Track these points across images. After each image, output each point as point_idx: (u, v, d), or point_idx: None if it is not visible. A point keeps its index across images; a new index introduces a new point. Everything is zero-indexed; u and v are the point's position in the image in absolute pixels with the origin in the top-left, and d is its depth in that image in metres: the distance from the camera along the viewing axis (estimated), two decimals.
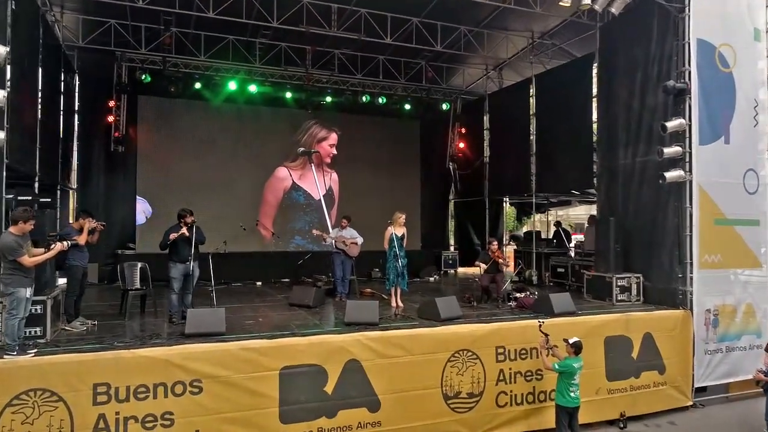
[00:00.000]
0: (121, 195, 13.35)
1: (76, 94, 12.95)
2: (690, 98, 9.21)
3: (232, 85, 13.00)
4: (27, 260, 5.63)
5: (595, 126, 11.47)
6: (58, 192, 11.39)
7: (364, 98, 14.15)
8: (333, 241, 10.22)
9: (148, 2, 10.12)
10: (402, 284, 9.42)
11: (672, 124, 9.14)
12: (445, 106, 15.46)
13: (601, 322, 8.43)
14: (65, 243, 6.02)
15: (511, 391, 7.64)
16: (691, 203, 9.19)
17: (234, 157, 13.97)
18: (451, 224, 17.48)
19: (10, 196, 7.19)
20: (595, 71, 11.54)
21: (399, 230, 9.47)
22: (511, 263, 13.91)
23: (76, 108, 12.92)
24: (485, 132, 15.45)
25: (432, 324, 7.72)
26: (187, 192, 13.45)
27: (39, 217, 6.57)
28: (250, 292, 11.72)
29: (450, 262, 15.93)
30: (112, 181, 13.28)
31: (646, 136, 9.97)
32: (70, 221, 11.21)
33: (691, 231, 9.17)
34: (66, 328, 7.10)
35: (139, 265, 8.40)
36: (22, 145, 8.42)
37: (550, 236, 15.83)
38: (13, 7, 7.50)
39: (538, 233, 14.20)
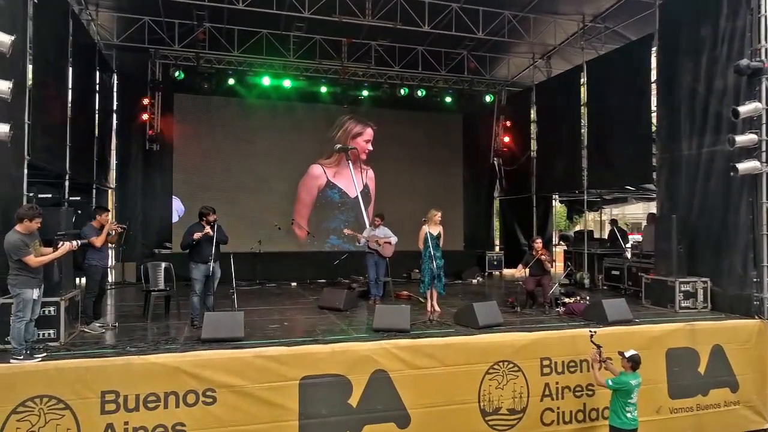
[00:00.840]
0: (159, 194, 13.27)
1: (114, 93, 12.98)
2: (767, 79, 8.11)
3: (266, 81, 12.66)
4: (33, 260, 5.35)
5: (654, 115, 10.41)
6: (94, 191, 11.35)
7: (402, 91, 13.51)
8: (366, 241, 9.64)
9: None
10: (438, 287, 8.81)
11: (746, 108, 8.07)
12: (488, 98, 14.63)
13: (662, 332, 7.49)
14: (74, 243, 5.72)
15: (558, 408, 6.86)
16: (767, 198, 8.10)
17: (268, 154, 13.67)
18: (497, 223, 16.60)
19: (30, 194, 7.02)
20: (654, 54, 10.47)
21: (434, 229, 8.85)
22: (560, 265, 12.99)
23: (114, 107, 12.94)
24: (532, 125, 14.50)
25: (469, 332, 7.04)
26: (222, 190, 13.30)
27: (53, 215, 6.33)
28: (282, 293, 11.33)
29: (495, 263, 15.10)
30: (149, 179, 13.21)
31: (713, 124, 8.91)
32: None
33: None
34: (85, 329, 6.85)
35: (163, 265, 8.10)
36: (50, 143, 8.31)
37: (605, 236, 14.77)
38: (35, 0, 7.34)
39: (590, 233, 13.17)
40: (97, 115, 11.34)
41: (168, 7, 10.89)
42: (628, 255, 12.14)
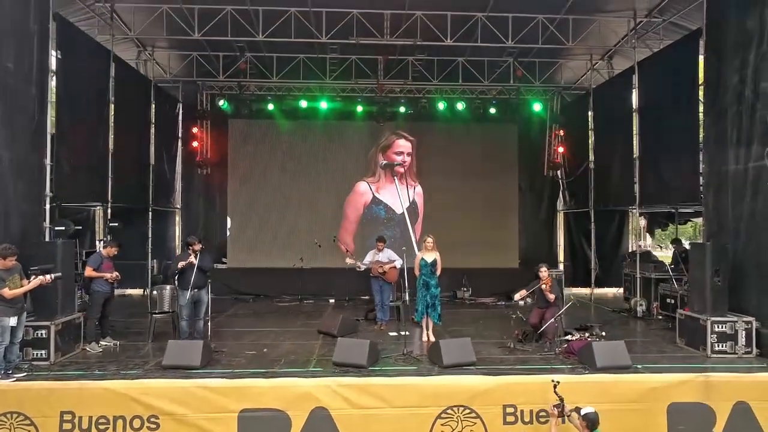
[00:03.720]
0: (217, 213, 14.35)
1: (180, 122, 14.31)
2: None
3: (304, 104, 13.10)
4: (7, 293, 6.14)
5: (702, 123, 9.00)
6: (150, 214, 12.59)
7: (441, 105, 13.19)
8: (366, 267, 9.54)
9: (204, 33, 10.65)
10: (433, 316, 8.50)
11: None
12: (538, 107, 13.65)
13: (664, 383, 6.47)
14: (48, 276, 6.46)
15: None
16: None
17: (315, 173, 14.08)
18: (562, 238, 15.38)
19: (48, 225, 8.06)
20: (702, 52, 9.06)
21: (429, 255, 8.51)
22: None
23: (180, 134, 14.28)
24: (590, 132, 13.24)
25: (431, 370, 6.69)
26: (271, 208, 14.02)
27: (51, 248, 7.21)
28: (309, 311, 11.61)
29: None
30: (208, 200, 14.37)
31: (761, 134, 7.54)
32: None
33: None
34: (86, 348, 7.67)
35: (168, 288, 8.71)
36: (85, 177, 9.46)
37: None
38: (59, 55, 8.40)
39: (646, 253, 11.67)
40: (153, 144, 12.59)
41: (211, 42, 11.73)
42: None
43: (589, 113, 13.20)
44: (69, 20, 9.11)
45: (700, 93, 9.05)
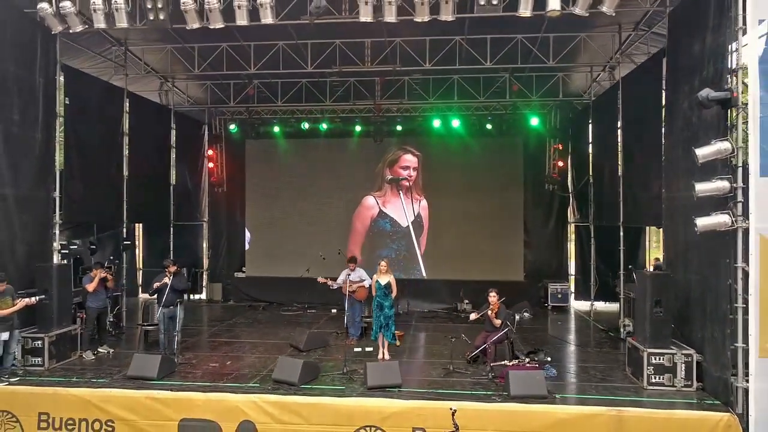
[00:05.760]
0: (237, 227, 15.56)
1: (205, 143, 15.65)
2: (742, 110, 6.43)
3: (306, 125, 13.93)
4: None
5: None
6: (171, 228, 13.98)
7: (437, 122, 13.50)
8: (338, 286, 10.15)
9: (204, 68, 11.75)
10: (387, 336, 8.98)
11: (705, 151, 6.62)
12: (535, 121, 13.54)
13: (573, 415, 6.60)
14: (32, 299, 7.71)
15: None
16: (746, 260, 6.41)
17: (324, 189, 14.82)
18: (573, 251, 15.10)
19: (63, 242, 9.47)
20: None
21: (383, 278, 9.02)
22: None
23: (206, 154, 15.64)
24: (590, 146, 12.97)
25: (356, 390, 7.24)
26: (284, 222, 14.97)
27: (48, 271, 8.50)
28: (308, 321, 12.42)
29: (559, 296, 13.89)
30: (229, 215, 15.62)
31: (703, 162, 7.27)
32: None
33: (746, 301, 6.40)
34: (82, 355, 8.94)
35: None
36: (103, 201, 10.88)
37: None
38: (67, 101, 9.76)
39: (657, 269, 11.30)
40: (174, 166, 13.97)
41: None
42: None
43: (589, 126, 12.92)
44: (77, 69, 10.44)
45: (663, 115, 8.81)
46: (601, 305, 13.30)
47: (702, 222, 6.54)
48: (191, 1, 7.11)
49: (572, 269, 14.96)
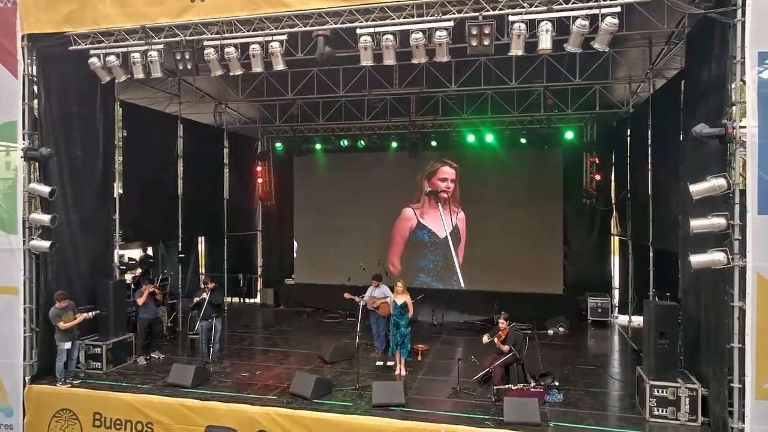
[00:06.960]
0: (286, 236, 16.57)
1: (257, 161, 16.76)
2: (738, 145, 6.29)
3: (345, 142, 14.67)
4: (62, 325, 8.67)
5: None
6: (225, 240, 15.20)
7: (471, 137, 13.73)
8: (364, 303, 10.68)
9: (245, 93, 12.69)
10: (403, 353, 9.46)
11: (699, 188, 6.52)
12: (570, 135, 13.35)
13: None
14: (90, 314, 8.91)
15: None
16: (744, 299, 6.31)
17: (364, 202, 15.37)
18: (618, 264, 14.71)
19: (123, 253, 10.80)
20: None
21: (399, 298, 9.50)
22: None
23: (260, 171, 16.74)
24: (628, 159, 12.63)
25: (361, 408, 7.81)
26: (329, 233, 15.73)
27: (106, 288, 9.74)
28: (346, 330, 13.01)
29: (599, 311, 13.67)
30: (280, 226, 16.67)
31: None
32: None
33: (742, 341, 6.30)
34: (137, 360, 10.15)
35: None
36: (159, 220, 12.14)
37: None
38: (124, 133, 11.01)
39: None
40: (227, 182, 15.16)
41: (270, 93, 13.70)
42: None
43: (627, 139, 12.60)
44: (133, 103, 11.68)
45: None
46: (641, 321, 12.96)
47: (696, 259, 6.48)
48: (213, 52, 7.90)
49: (616, 283, 14.61)
